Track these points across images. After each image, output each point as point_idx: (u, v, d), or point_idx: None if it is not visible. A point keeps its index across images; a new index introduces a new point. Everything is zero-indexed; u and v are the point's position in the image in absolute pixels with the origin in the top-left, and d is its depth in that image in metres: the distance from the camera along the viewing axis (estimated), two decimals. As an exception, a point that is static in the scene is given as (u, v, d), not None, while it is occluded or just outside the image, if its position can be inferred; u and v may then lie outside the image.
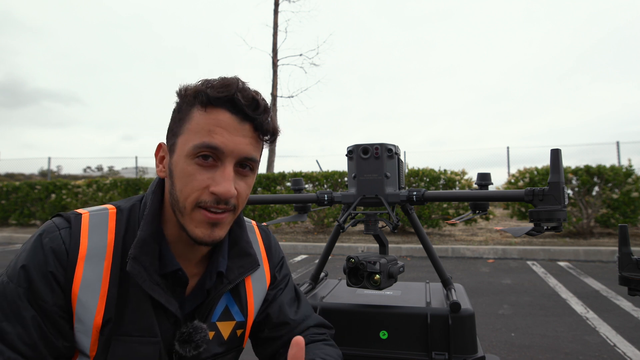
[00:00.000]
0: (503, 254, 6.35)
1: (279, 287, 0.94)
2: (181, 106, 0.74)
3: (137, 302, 0.73)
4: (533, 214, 1.02)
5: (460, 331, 1.00)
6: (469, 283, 4.57)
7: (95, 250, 0.72)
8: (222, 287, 0.80)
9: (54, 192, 10.64)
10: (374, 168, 1.18)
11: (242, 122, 0.71)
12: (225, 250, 0.83)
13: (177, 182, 0.72)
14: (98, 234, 0.74)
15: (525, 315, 3.42)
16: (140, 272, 0.71)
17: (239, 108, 0.70)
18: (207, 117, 0.70)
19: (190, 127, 0.71)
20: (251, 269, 0.85)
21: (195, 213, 0.71)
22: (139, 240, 0.72)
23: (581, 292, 4.13)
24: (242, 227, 0.87)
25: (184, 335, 0.75)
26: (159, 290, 0.72)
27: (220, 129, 0.70)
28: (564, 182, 1.01)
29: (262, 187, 8.83)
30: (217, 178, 0.70)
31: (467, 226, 8.65)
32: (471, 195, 1.14)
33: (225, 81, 0.71)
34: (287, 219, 1.40)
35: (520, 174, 7.63)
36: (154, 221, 0.75)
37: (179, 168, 0.72)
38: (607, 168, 6.96)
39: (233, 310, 0.84)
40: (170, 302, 0.73)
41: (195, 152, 0.70)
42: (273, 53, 12.26)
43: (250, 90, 0.72)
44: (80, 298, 0.69)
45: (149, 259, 0.72)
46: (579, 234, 7.21)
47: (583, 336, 2.92)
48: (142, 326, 0.72)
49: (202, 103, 0.71)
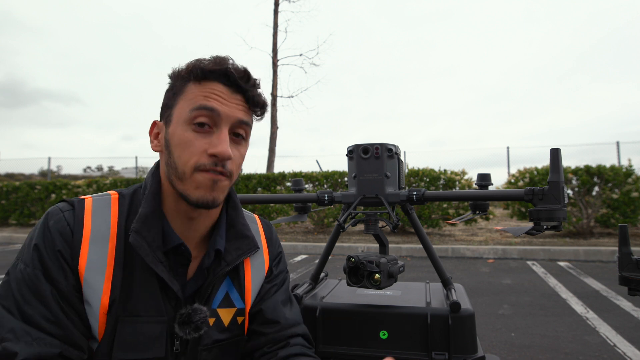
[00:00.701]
0: (503, 254, 6.35)
1: (275, 282, 0.93)
2: (175, 84, 0.77)
3: (144, 282, 0.74)
4: (533, 213, 1.02)
5: (460, 331, 1.00)
6: (469, 283, 4.57)
7: (99, 232, 0.74)
8: (221, 268, 0.81)
9: (54, 192, 10.64)
10: (374, 168, 1.18)
11: (235, 92, 0.76)
12: (224, 231, 0.85)
13: (175, 150, 0.74)
14: (101, 216, 0.76)
15: (525, 315, 3.42)
16: (143, 246, 0.72)
17: (231, 80, 0.75)
18: (202, 87, 0.74)
19: (185, 97, 0.75)
20: (249, 251, 0.86)
21: (195, 176, 0.73)
22: (140, 215, 0.74)
23: (581, 292, 4.13)
24: (237, 210, 0.88)
25: (183, 316, 0.75)
26: (162, 267, 0.74)
27: (215, 95, 0.74)
28: (563, 181, 1.01)
29: (262, 187, 8.84)
30: (214, 141, 0.73)
31: (467, 226, 8.65)
32: (471, 195, 1.15)
33: (218, 57, 0.76)
34: (288, 219, 1.40)
35: (520, 174, 7.63)
36: (155, 199, 0.78)
37: (176, 136, 0.74)
38: (607, 168, 6.96)
39: (233, 297, 0.85)
40: (172, 281, 0.75)
41: (192, 117, 0.73)
42: (273, 53, 12.26)
43: (242, 66, 0.77)
44: (87, 278, 0.71)
45: (152, 235, 0.74)
46: (579, 234, 7.21)
47: (583, 336, 2.92)
48: (149, 305, 0.74)
49: (197, 77, 0.74)
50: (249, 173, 9.19)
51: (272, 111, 12.46)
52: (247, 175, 9.07)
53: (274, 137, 12.32)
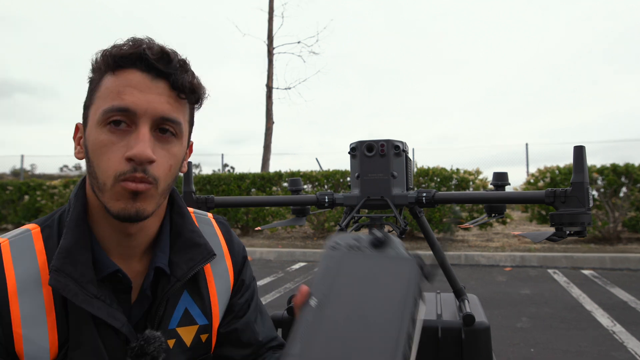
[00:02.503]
0: (521, 262, 6.36)
1: (245, 295, 0.91)
2: (93, 77, 0.74)
3: (77, 324, 0.70)
4: (554, 217, 1.02)
5: (475, 346, 1.00)
6: (484, 293, 4.57)
7: (26, 280, 0.69)
8: (170, 285, 0.77)
9: (28, 194, 10.64)
10: (379, 167, 1.18)
11: (155, 79, 0.70)
12: (166, 244, 0.81)
13: (93, 158, 0.70)
14: (25, 260, 0.71)
15: (546, 328, 3.42)
16: (69, 285, 0.68)
17: (150, 65, 0.69)
18: (116, 79, 0.69)
19: (99, 94, 0.71)
20: (203, 260, 0.81)
21: (116, 187, 0.68)
22: (61, 249, 0.70)
23: (607, 303, 4.13)
24: (183, 216, 0.84)
25: (135, 349, 0.71)
26: (99, 303, 0.69)
27: (130, 88, 0.69)
28: (588, 182, 1.01)
29: (257, 188, 8.84)
30: (130, 142, 0.68)
31: (481, 231, 8.65)
32: (486, 196, 1.15)
33: (133, 40, 0.71)
34: (284, 223, 1.40)
35: (540, 173, 7.64)
36: (80, 225, 0.73)
37: (91, 140, 0.70)
38: (636, 167, 6.96)
39: (194, 313, 0.82)
40: (114, 317, 0.71)
41: (105, 119, 0.68)
42: (268, 40, 12.27)
43: (160, 45, 0.72)
44: (26, 335, 0.67)
45: (79, 269, 0.69)
46: (605, 240, 7.21)
47: (609, 352, 2.92)
48: (86, 351, 0.70)
49: (110, 66, 0.70)
50: (242, 172, 9.20)
51: (268, 104, 12.48)
52: (240, 175, 9.08)
53: (269, 132, 12.34)
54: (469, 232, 8.63)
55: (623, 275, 5.45)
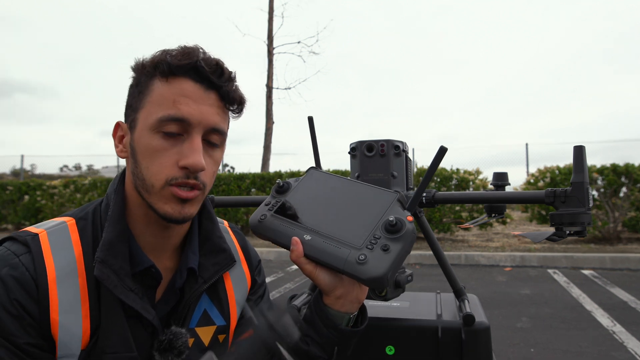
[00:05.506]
0: (521, 262, 6.36)
1: (258, 294, 0.95)
2: (139, 79, 0.75)
3: (108, 314, 0.72)
4: (554, 217, 1.02)
5: (474, 346, 1.00)
6: (484, 293, 4.57)
7: (64, 269, 0.71)
8: (197, 286, 0.80)
9: (28, 194, 10.65)
10: (379, 167, 1.18)
11: (207, 90, 0.73)
12: (196, 245, 0.84)
13: (142, 160, 0.72)
14: (63, 250, 0.73)
15: (546, 328, 3.42)
16: (110, 277, 0.70)
17: (203, 76, 0.72)
18: (170, 87, 0.71)
19: (151, 99, 0.72)
20: (227, 266, 0.85)
21: (165, 191, 0.71)
22: (105, 242, 0.72)
23: (607, 303, 4.14)
24: (213, 222, 0.88)
25: (164, 343, 0.74)
26: (133, 296, 0.72)
27: (185, 98, 0.71)
28: (588, 182, 1.01)
29: (257, 188, 8.84)
30: (185, 151, 0.71)
31: (481, 231, 8.66)
32: (486, 196, 1.15)
33: (187, 49, 0.73)
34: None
35: (540, 173, 7.64)
36: (120, 220, 0.75)
37: (142, 144, 0.72)
38: (636, 167, 6.96)
39: (213, 314, 0.85)
40: (147, 310, 0.73)
41: (160, 126, 0.70)
42: (268, 40, 12.27)
43: (214, 57, 0.74)
44: (63, 323, 0.69)
45: (119, 262, 0.72)
46: (605, 240, 7.21)
47: (609, 352, 2.92)
48: (115, 341, 0.71)
49: (163, 73, 0.72)
50: (242, 172, 9.20)
51: (268, 104, 12.47)
52: (240, 175, 9.08)
53: (269, 132, 12.33)
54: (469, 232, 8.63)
55: (623, 275, 5.46)
